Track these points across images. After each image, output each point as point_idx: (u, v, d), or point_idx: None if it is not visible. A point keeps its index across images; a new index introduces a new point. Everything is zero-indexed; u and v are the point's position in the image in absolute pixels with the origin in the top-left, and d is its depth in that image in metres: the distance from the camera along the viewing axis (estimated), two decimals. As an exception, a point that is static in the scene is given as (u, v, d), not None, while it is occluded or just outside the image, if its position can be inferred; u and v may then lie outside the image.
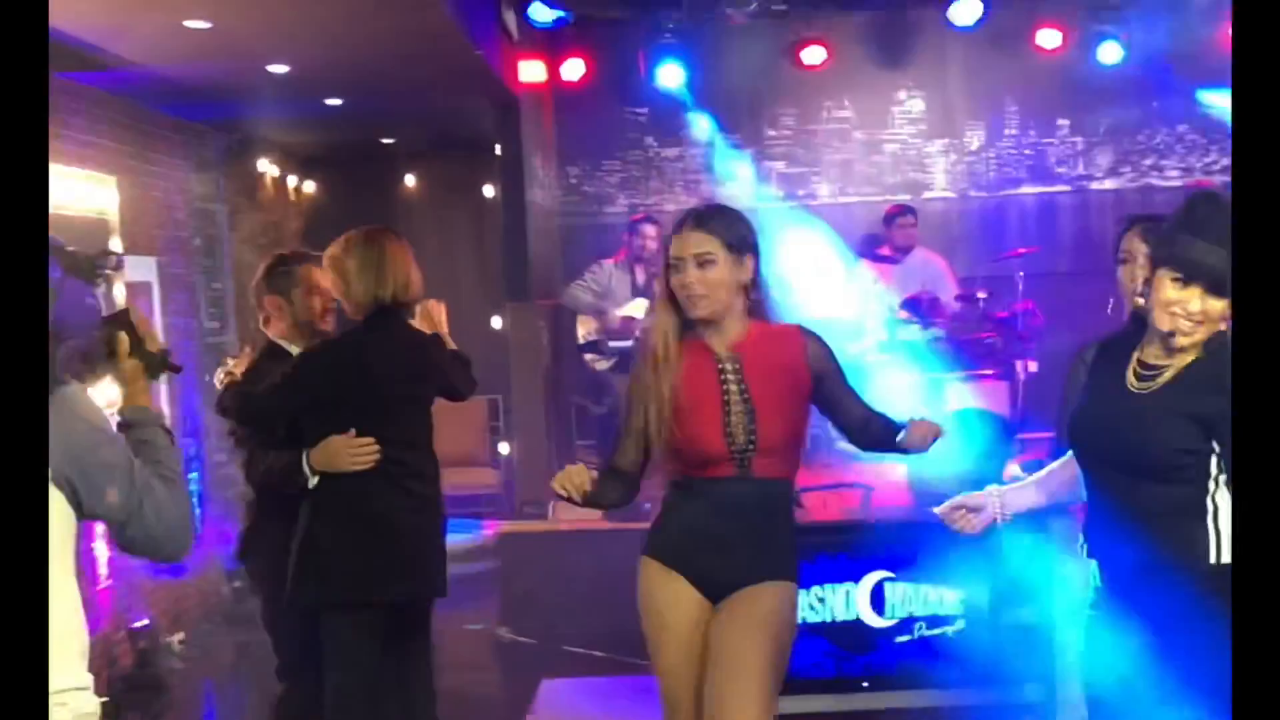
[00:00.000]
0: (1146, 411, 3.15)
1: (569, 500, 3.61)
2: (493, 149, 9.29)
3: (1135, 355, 3.25)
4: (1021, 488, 3.61)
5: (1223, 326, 3.12)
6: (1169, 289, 3.11)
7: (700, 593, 3.75)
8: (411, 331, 4.56)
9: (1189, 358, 3.15)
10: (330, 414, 4.32)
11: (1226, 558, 3.11)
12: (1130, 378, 3.23)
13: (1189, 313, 3.09)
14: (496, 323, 10.08)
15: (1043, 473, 3.61)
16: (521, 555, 7.42)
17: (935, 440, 3.69)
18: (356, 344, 4.41)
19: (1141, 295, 3.26)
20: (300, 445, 4.35)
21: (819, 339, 3.83)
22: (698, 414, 3.68)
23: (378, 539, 4.34)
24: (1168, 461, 3.13)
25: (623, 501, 3.92)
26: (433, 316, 4.72)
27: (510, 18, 8.73)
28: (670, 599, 3.75)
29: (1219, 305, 3.08)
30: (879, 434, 3.83)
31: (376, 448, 4.30)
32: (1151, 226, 3.84)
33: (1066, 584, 4.18)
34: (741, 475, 3.68)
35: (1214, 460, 3.13)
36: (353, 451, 4.30)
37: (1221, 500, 3.14)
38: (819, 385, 3.79)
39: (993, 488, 3.59)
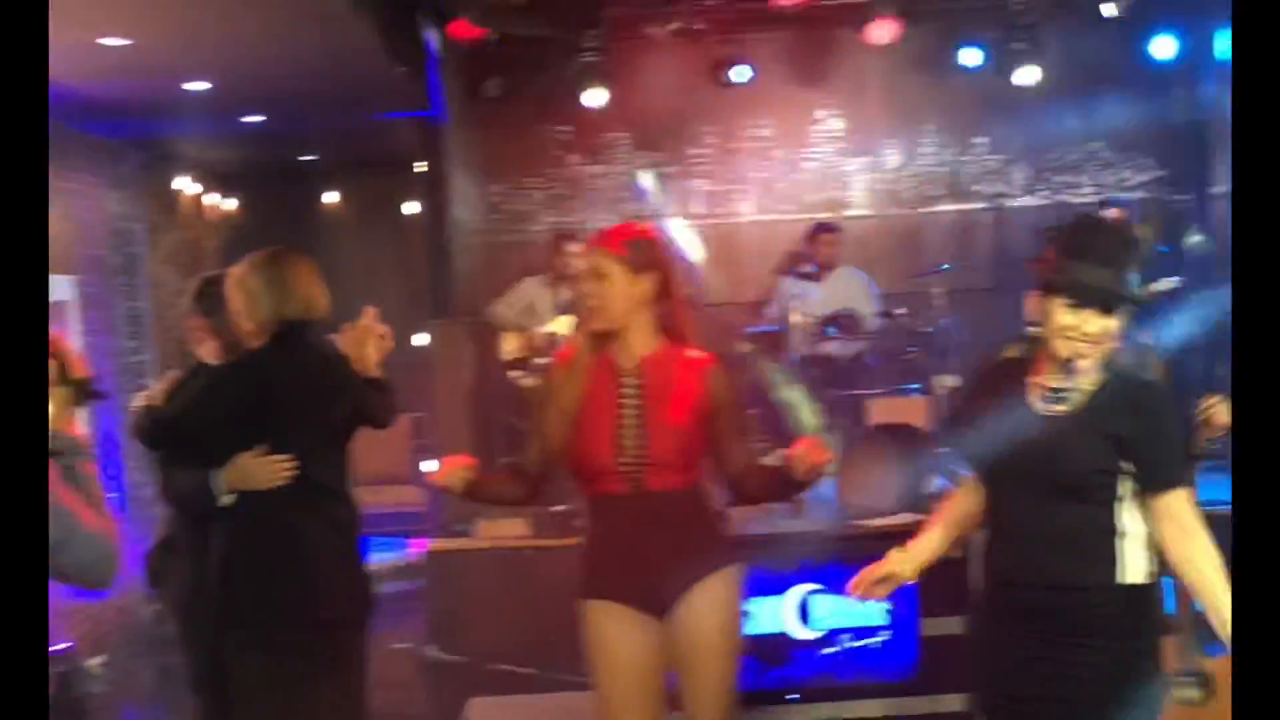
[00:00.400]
0: (1064, 432, 3.20)
1: (449, 491, 3.69)
2: (415, 166, 9.27)
3: (1033, 379, 3.29)
4: (926, 539, 3.60)
5: (1116, 344, 3.21)
6: (1063, 315, 3.17)
7: (641, 612, 3.78)
8: (318, 351, 4.50)
9: (1096, 378, 3.22)
10: (237, 433, 4.28)
11: (1131, 578, 3.19)
12: (1036, 402, 3.27)
13: (1085, 335, 3.16)
14: (420, 340, 10.05)
15: (943, 515, 3.61)
16: (448, 573, 7.38)
17: (822, 465, 3.69)
18: (258, 363, 4.38)
19: (1034, 324, 3.31)
20: (210, 465, 4.31)
21: (727, 374, 3.89)
22: (592, 425, 3.74)
23: (286, 559, 4.29)
24: (1084, 481, 3.19)
25: (519, 499, 4.00)
26: (356, 339, 4.66)
27: (432, 35, 8.72)
28: (612, 631, 3.78)
29: (1113, 324, 3.16)
30: (756, 488, 3.90)
31: (290, 464, 4.28)
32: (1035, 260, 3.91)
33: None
34: (635, 490, 3.72)
35: (1119, 480, 3.20)
36: (264, 468, 4.26)
37: (1129, 520, 3.21)
38: (714, 417, 3.82)
39: (895, 552, 3.58)
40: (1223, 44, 9.90)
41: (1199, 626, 4.75)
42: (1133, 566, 3.20)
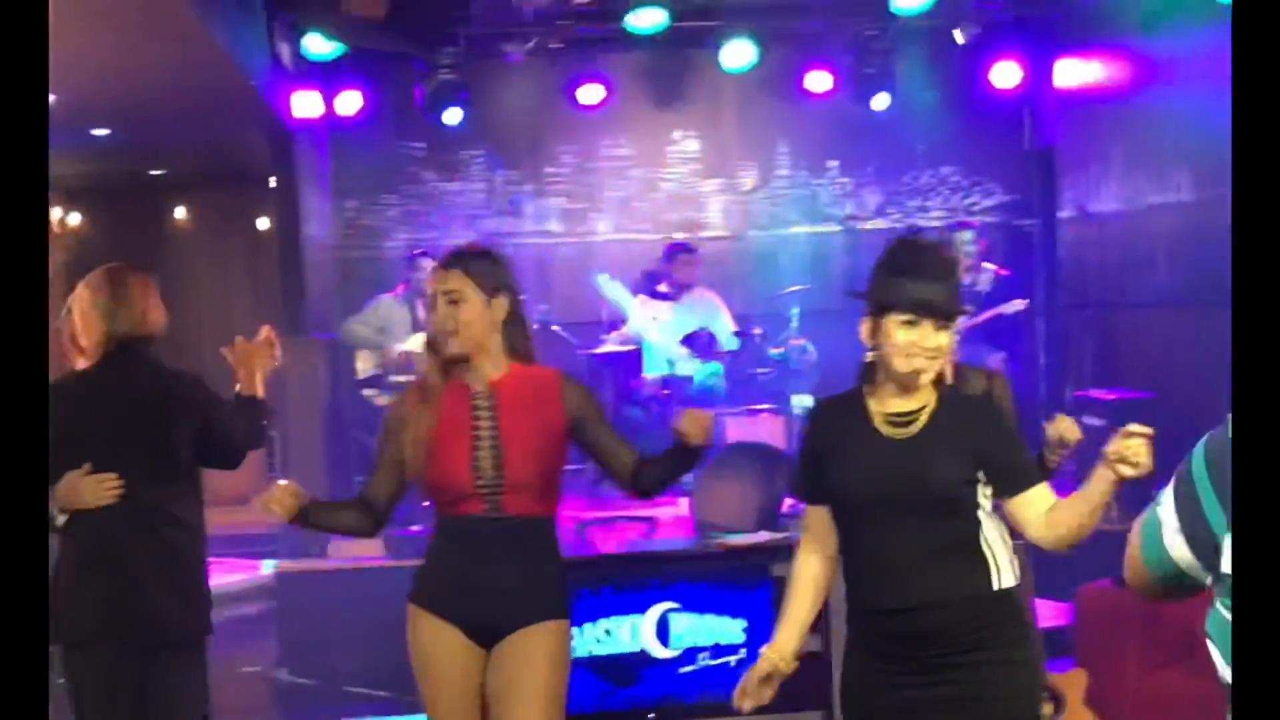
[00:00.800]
0: (924, 452, 3.24)
1: (278, 519, 3.65)
2: (267, 181, 9.14)
3: (872, 408, 3.32)
4: (789, 625, 3.54)
5: (950, 360, 3.31)
6: (901, 332, 3.22)
7: (470, 639, 3.74)
8: (154, 369, 4.41)
9: (934, 397, 3.28)
10: (68, 450, 4.18)
11: (1005, 582, 3.25)
12: (883, 428, 3.29)
13: (926, 349, 3.21)
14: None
15: (797, 592, 3.52)
16: (300, 594, 7.28)
17: (710, 426, 3.69)
18: (89, 380, 4.30)
19: (871, 349, 3.33)
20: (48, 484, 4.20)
21: (578, 384, 3.91)
22: (448, 448, 3.71)
23: (113, 579, 4.20)
24: (952, 495, 3.23)
25: (360, 530, 3.93)
26: (244, 355, 4.59)
27: (284, 49, 8.61)
28: (439, 648, 3.75)
29: (946, 338, 3.22)
30: (654, 469, 3.86)
31: (117, 483, 4.18)
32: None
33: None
34: (492, 513, 3.70)
35: (979, 490, 3.26)
36: (90, 488, 4.17)
37: (991, 527, 3.28)
38: (579, 430, 3.83)
39: (766, 650, 3.54)
40: (1063, 72, 10.16)
41: (1044, 644, 4.88)
42: (1005, 571, 3.27)
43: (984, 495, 3.27)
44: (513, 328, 3.85)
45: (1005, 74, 10.28)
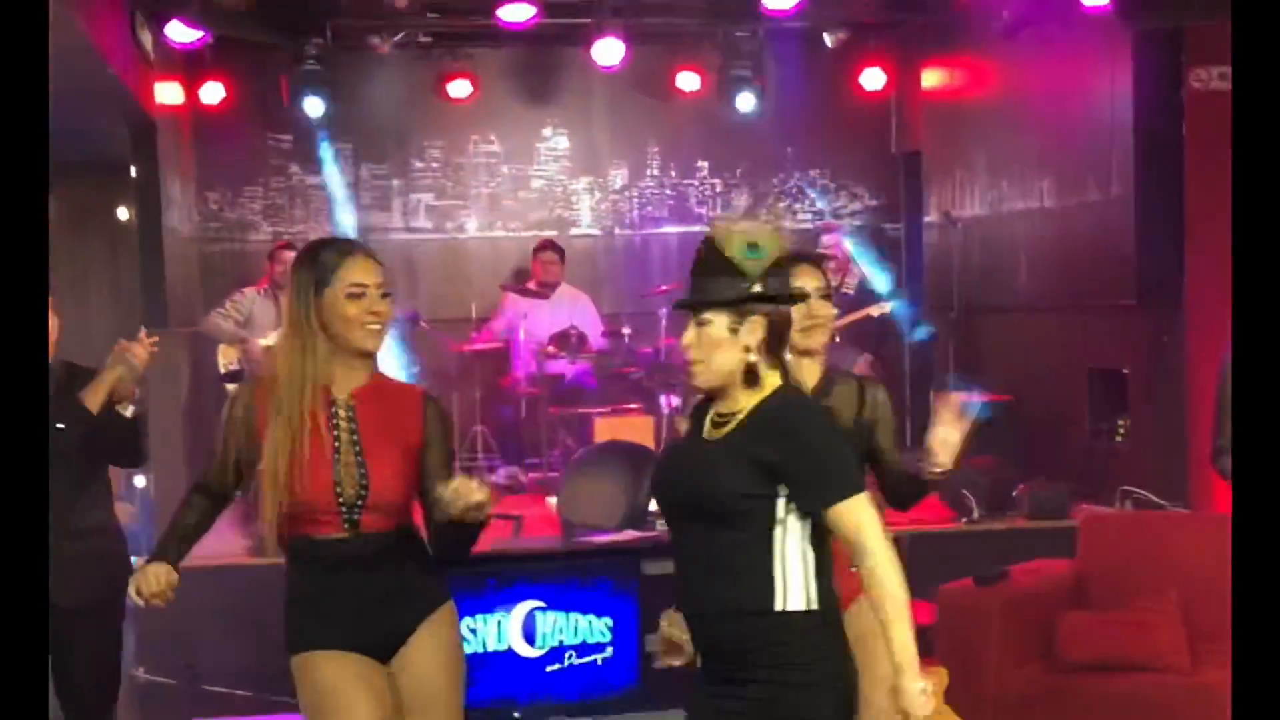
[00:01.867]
0: (713, 458, 3.15)
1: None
2: (127, 171, 8.93)
3: (711, 408, 3.25)
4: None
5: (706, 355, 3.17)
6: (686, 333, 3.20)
7: (372, 659, 3.59)
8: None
9: (755, 399, 3.17)
10: None
11: (792, 604, 3.09)
12: (708, 429, 3.23)
13: (685, 345, 3.18)
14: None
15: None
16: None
17: (477, 503, 3.40)
18: None
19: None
20: None
21: (439, 408, 3.72)
22: (307, 463, 3.48)
23: None
24: (731, 506, 3.10)
25: (206, 523, 3.75)
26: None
27: (146, 36, 8.41)
28: (348, 683, 3.53)
29: (710, 332, 3.14)
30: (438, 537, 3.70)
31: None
32: None
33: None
34: (351, 534, 3.52)
35: (779, 504, 3.11)
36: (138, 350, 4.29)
37: (789, 546, 3.12)
38: (425, 452, 3.64)
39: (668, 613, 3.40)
40: (929, 78, 10.31)
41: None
42: (794, 594, 3.09)
43: (786, 511, 3.11)
44: None
45: (873, 78, 10.40)
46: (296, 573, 3.62)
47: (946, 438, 3.93)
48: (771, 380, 3.18)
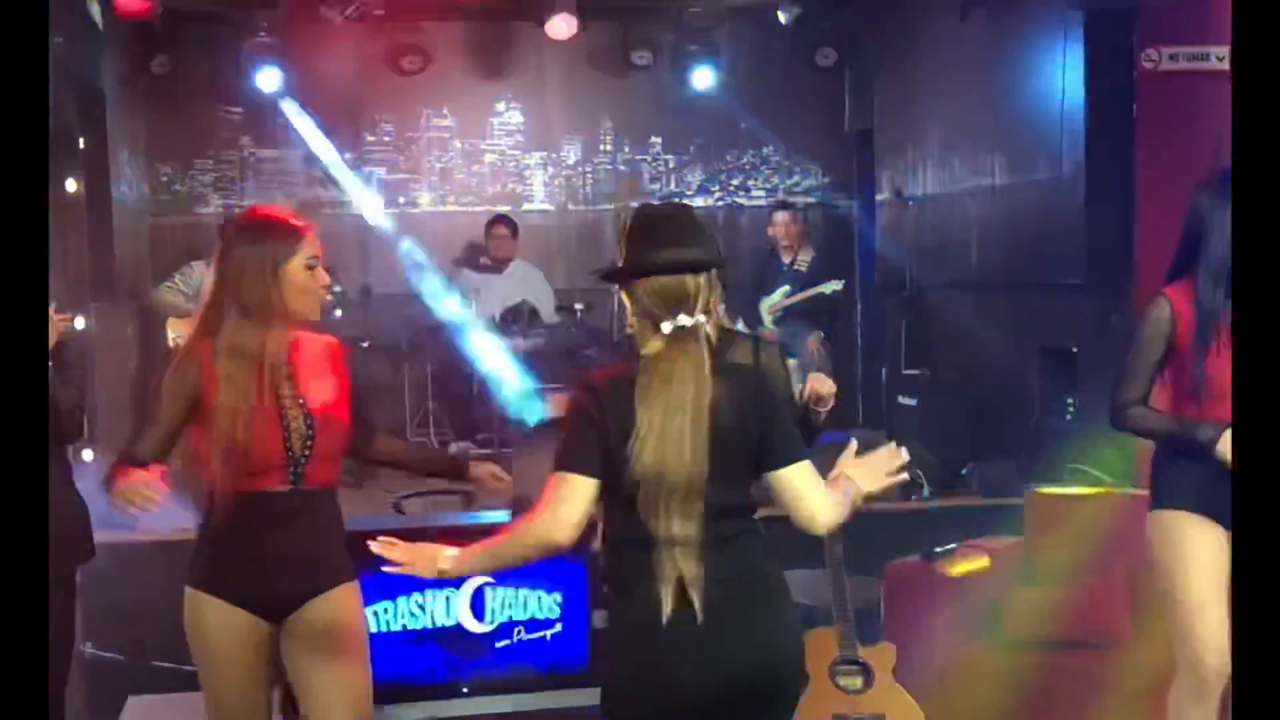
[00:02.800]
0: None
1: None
2: (76, 142, 8.83)
3: None
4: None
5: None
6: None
7: (257, 615, 3.62)
8: None
9: None
10: None
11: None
12: None
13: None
14: (80, 324, 9.59)
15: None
16: (106, 566, 7.04)
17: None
18: None
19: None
20: None
21: (349, 354, 3.85)
22: (256, 417, 3.54)
23: None
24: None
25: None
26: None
27: (95, 7, 8.33)
28: (226, 634, 3.61)
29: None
30: (388, 451, 3.99)
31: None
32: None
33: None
34: (294, 486, 3.59)
35: None
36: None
37: None
38: (355, 395, 3.78)
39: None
40: (882, 56, 10.32)
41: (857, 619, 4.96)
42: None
43: None
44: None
45: (826, 55, 10.40)
46: (223, 518, 3.61)
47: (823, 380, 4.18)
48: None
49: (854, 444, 3.35)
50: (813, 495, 3.16)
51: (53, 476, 4.62)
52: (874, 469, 3.31)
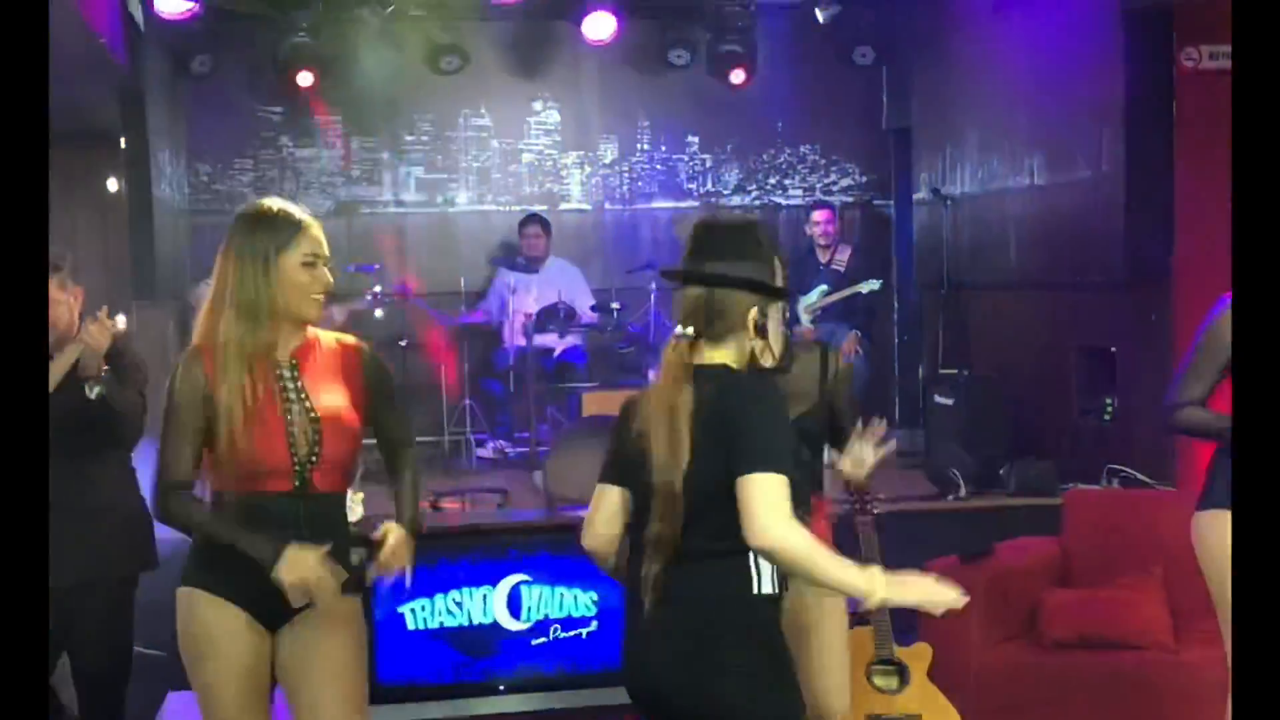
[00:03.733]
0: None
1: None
2: (117, 142, 8.91)
3: None
4: None
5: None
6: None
7: (256, 620, 3.53)
8: None
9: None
10: None
11: (766, 588, 3.10)
12: None
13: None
14: (121, 322, 9.66)
15: None
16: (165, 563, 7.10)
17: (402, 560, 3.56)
18: None
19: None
20: None
21: (375, 357, 3.71)
22: (260, 420, 3.45)
23: None
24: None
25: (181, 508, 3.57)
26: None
27: (136, 7, 8.39)
28: (223, 632, 3.50)
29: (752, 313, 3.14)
30: (397, 478, 3.79)
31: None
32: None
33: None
34: (299, 490, 3.50)
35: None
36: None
37: None
38: (371, 401, 3.64)
39: None
40: (920, 53, 10.30)
41: (893, 618, 4.94)
42: (767, 578, 3.11)
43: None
44: None
45: (864, 54, 10.39)
46: (229, 514, 3.55)
47: (862, 455, 4.04)
48: None
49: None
50: (759, 515, 2.94)
51: (115, 481, 4.65)
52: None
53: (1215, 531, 4.07)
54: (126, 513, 4.62)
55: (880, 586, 3.03)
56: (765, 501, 2.94)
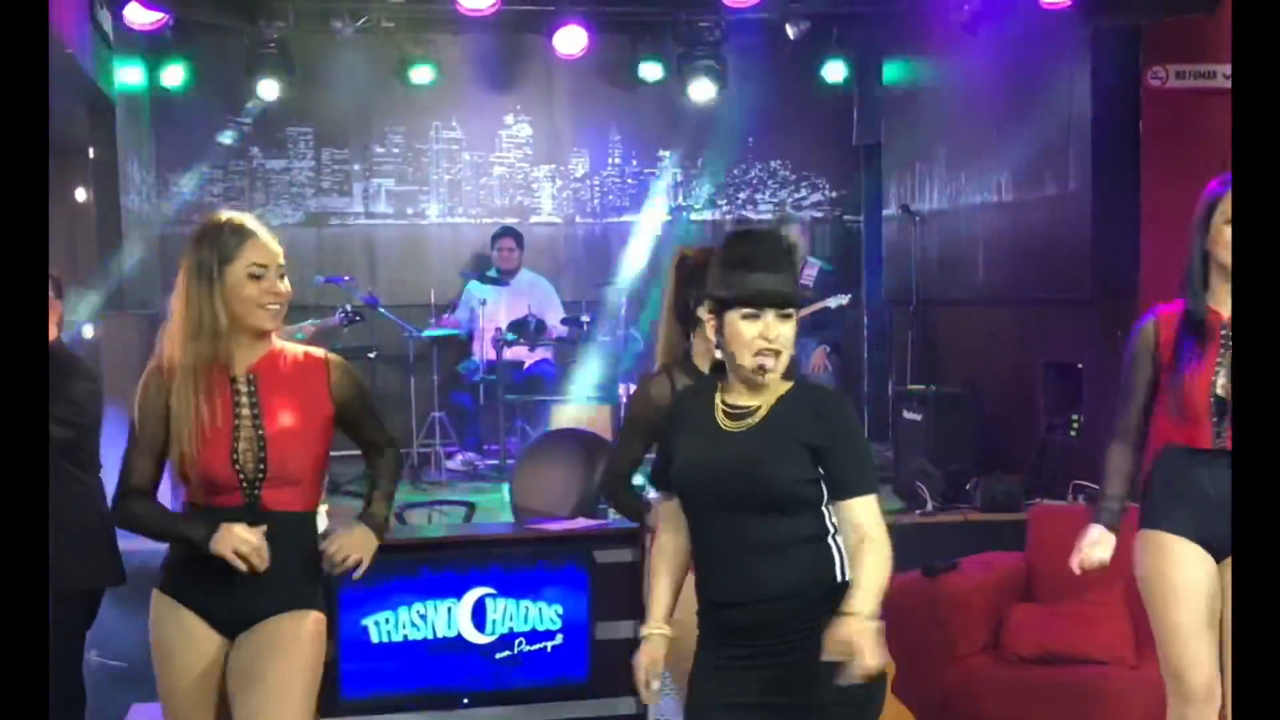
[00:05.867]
0: (760, 448, 3.21)
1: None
2: (86, 152, 8.88)
3: (718, 400, 3.31)
4: (658, 603, 3.47)
5: (792, 353, 3.25)
6: (744, 326, 3.21)
7: (212, 627, 3.57)
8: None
9: (777, 391, 3.26)
10: None
11: (847, 575, 3.19)
12: (722, 420, 3.28)
13: (770, 340, 3.20)
14: (89, 332, 9.62)
15: (658, 580, 3.47)
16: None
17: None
18: None
19: (717, 346, 3.30)
20: None
21: (344, 367, 3.69)
22: (208, 436, 3.47)
23: None
24: (795, 492, 3.18)
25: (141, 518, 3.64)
26: None
27: (105, 17, 8.36)
28: (180, 635, 3.56)
29: (789, 329, 3.22)
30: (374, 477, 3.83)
31: None
32: (697, 273, 3.93)
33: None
34: (249, 506, 3.51)
35: (821, 485, 3.21)
36: None
37: (832, 521, 3.23)
38: (341, 412, 3.65)
39: (647, 629, 3.44)
40: (890, 70, 10.34)
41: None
42: (846, 565, 3.21)
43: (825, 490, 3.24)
44: None
45: (834, 70, 10.44)
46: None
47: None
48: None
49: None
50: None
51: (67, 495, 4.60)
52: None
53: (1149, 552, 4.16)
54: (79, 528, 4.58)
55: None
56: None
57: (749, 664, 3.24)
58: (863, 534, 3.16)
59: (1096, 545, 4.15)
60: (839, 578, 3.22)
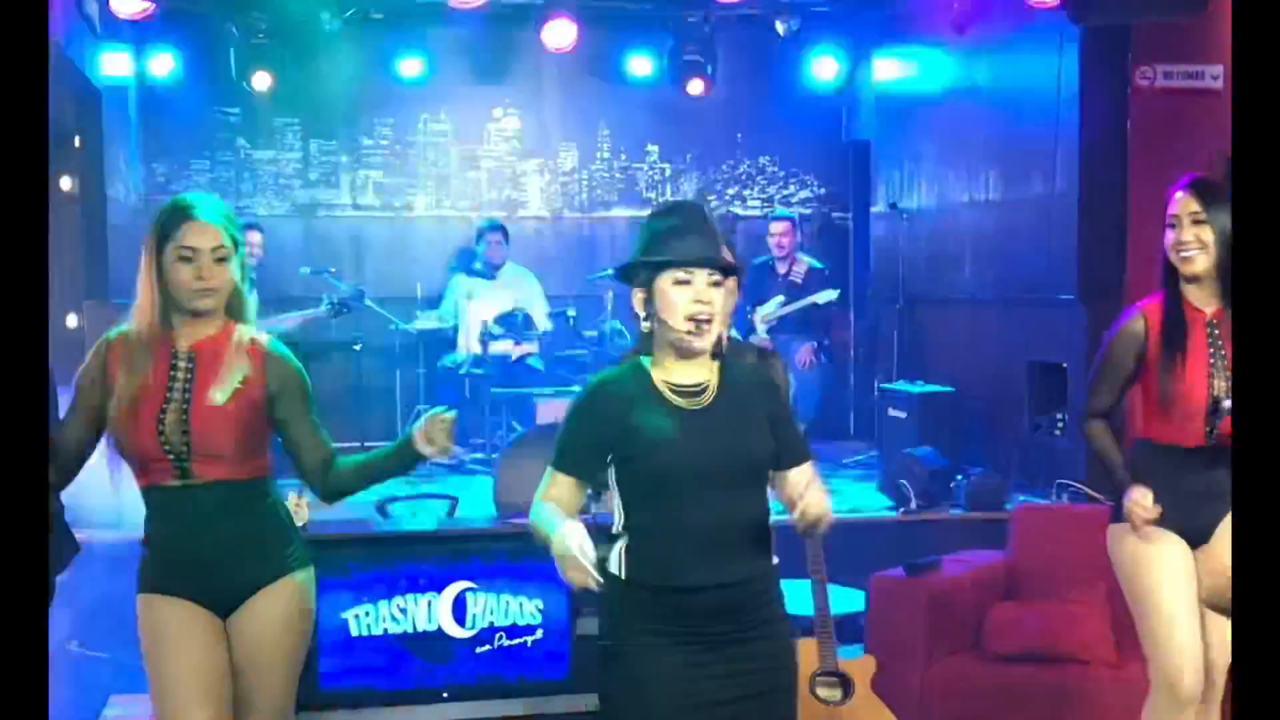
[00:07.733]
0: (732, 421, 3.19)
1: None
2: (71, 141, 8.84)
3: (656, 378, 3.26)
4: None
5: (723, 327, 3.25)
6: (676, 292, 3.18)
7: (206, 609, 3.59)
8: None
9: (712, 366, 3.25)
10: None
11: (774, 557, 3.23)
12: (674, 398, 3.22)
13: (705, 302, 3.17)
14: (73, 321, 9.59)
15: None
16: (90, 564, 7.05)
17: (450, 433, 3.49)
18: None
19: (646, 319, 3.26)
20: None
21: (285, 358, 3.67)
22: (137, 409, 3.52)
23: None
24: (765, 463, 3.21)
25: (60, 482, 3.64)
26: None
27: (92, 6, 8.33)
28: (176, 625, 3.57)
29: (721, 295, 3.20)
30: (351, 475, 3.69)
31: None
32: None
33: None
34: (183, 480, 3.54)
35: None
36: None
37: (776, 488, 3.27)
38: (273, 406, 3.64)
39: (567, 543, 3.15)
40: (880, 68, 10.34)
41: (838, 630, 4.95)
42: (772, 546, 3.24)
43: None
44: (237, 285, 3.67)
45: (824, 67, 10.43)
46: (147, 518, 3.65)
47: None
48: None
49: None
50: None
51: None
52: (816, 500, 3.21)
53: (1127, 544, 4.19)
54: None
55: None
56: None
57: (716, 656, 3.17)
58: (809, 482, 3.15)
59: (1147, 495, 4.07)
60: (773, 559, 3.26)
